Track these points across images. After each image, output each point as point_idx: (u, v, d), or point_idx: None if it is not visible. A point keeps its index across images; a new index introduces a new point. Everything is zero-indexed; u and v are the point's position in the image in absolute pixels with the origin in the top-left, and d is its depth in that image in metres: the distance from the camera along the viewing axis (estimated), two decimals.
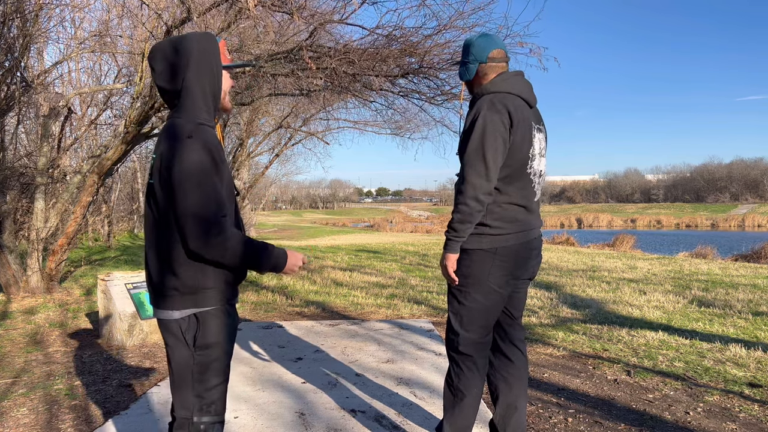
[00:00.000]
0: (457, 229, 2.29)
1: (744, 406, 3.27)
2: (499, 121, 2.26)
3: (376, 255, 12.49)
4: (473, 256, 2.35)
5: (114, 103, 10.06)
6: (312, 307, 6.35)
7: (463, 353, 2.43)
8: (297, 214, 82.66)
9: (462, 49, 2.51)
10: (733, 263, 11.76)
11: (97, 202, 13.53)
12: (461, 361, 2.44)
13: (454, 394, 2.46)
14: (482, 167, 2.24)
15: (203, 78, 1.74)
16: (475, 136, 2.26)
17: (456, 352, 2.45)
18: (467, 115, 2.41)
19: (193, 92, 1.73)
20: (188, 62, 1.72)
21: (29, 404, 3.35)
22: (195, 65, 1.73)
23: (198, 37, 1.77)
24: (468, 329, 2.41)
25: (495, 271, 2.35)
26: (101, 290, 4.76)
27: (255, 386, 3.60)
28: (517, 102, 2.33)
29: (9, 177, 6.75)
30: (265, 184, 31.77)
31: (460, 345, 2.43)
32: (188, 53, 1.72)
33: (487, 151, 2.24)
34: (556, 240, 20.16)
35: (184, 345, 1.72)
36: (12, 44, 6.17)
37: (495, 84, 2.38)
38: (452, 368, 2.47)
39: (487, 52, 2.41)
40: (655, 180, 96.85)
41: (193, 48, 1.73)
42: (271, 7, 5.30)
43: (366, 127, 16.02)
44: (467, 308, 2.40)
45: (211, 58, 1.76)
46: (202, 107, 1.74)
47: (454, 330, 2.44)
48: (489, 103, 2.29)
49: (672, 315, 5.75)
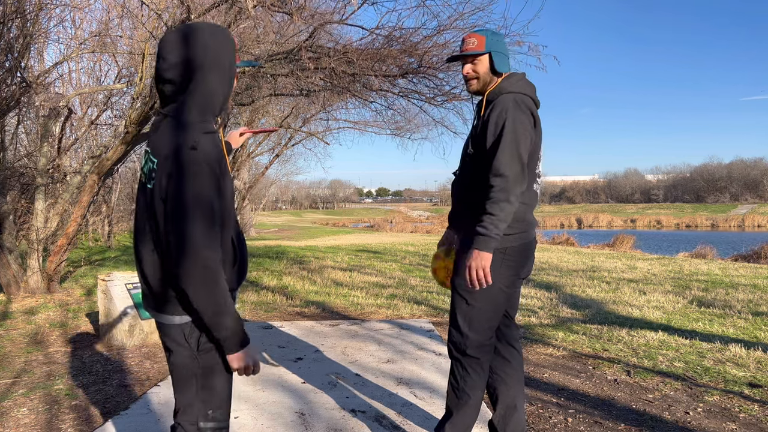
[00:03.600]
0: (500, 227, 2.22)
1: (744, 406, 3.27)
2: (528, 120, 2.29)
3: (376, 255, 12.49)
4: None
5: (114, 104, 10.05)
6: (312, 308, 6.35)
7: (470, 356, 2.40)
8: (297, 214, 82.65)
9: (492, 38, 2.40)
10: (732, 263, 11.77)
11: (97, 203, 13.53)
12: (467, 363, 2.41)
13: (459, 396, 2.43)
14: (519, 166, 2.26)
15: (218, 76, 1.61)
16: (509, 134, 2.25)
17: (463, 354, 2.42)
18: (488, 112, 2.34)
19: (204, 91, 1.59)
20: (205, 57, 1.59)
21: (29, 404, 3.35)
22: (212, 61, 1.60)
23: (215, 30, 1.63)
24: (476, 331, 2.39)
25: (504, 270, 2.35)
26: (101, 290, 4.76)
27: (255, 386, 3.61)
28: (531, 103, 2.36)
29: (9, 177, 6.76)
30: (265, 184, 31.81)
31: (467, 348, 2.40)
32: (205, 47, 1.59)
33: (522, 151, 2.26)
34: (556, 240, 20.15)
35: (187, 349, 1.66)
36: (12, 44, 6.17)
37: (512, 84, 2.37)
38: (457, 371, 2.44)
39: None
40: (655, 180, 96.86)
41: (210, 42, 1.60)
42: (271, 8, 5.31)
43: (366, 127, 16.04)
44: (477, 309, 2.37)
45: (228, 56, 1.64)
46: (209, 108, 1.61)
47: (462, 332, 2.40)
48: (514, 103, 2.29)
49: (672, 315, 5.75)
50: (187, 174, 1.51)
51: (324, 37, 6.39)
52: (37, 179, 6.79)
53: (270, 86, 8.02)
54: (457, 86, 6.94)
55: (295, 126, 17.78)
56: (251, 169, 22.52)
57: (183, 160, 1.52)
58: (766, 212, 55.86)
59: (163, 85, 1.62)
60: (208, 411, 1.69)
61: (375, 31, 5.89)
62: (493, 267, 2.30)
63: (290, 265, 10.28)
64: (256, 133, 1.96)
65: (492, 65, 2.39)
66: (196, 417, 1.69)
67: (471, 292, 2.36)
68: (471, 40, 2.39)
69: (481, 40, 2.38)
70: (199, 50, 1.58)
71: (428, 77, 6.73)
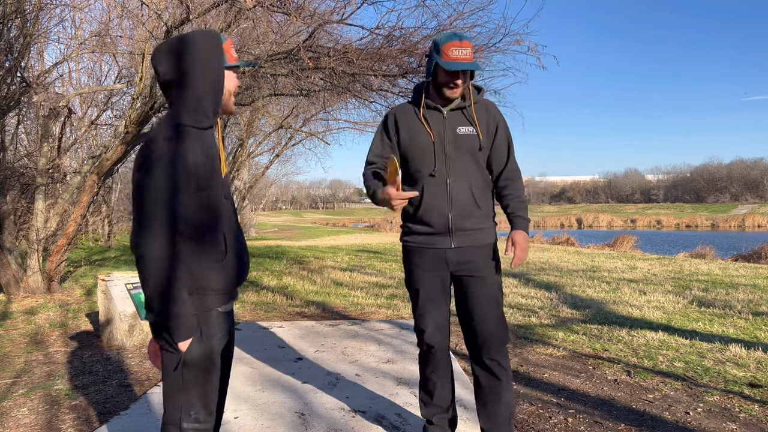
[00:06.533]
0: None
1: (744, 406, 3.27)
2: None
3: (376, 255, 12.49)
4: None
5: (114, 104, 10.06)
6: (312, 308, 6.35)
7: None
8: (297, 214, 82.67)
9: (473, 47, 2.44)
10: (733, 263, 11.76)
11: (97, 203, 13.53)
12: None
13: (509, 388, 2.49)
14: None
15: (204, 79, 1.70)
16: (509, 135, 2.54)
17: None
18: (493, 114, 2.50)
19: (193, 93, 1.69)
20: (192, 61, 1.69)
21: (29, 404, 3.35)
22: (199, 66, 1.69)
23: (201, 34, 1.74)
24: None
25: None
26: (101, 290, 4.76)
27: (255, 386, 3.60)
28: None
29: (9, 177, 6.76)
30: (265, 184, 31.80)
31: (510, 340, 2.58)
32: (191, 52, 1.69)
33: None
34: (556, 240, 20.13)
35: (164, 350, 1.68)
36: (12, 44, 6.17)
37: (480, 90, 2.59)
38: (507, 366, 2.46)
39: None
40: (655, 180, 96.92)
41: (195, 45, 1.70)
42: (270, 8, 5.31)
43: (366, 127, 16.01)
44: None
45: (214, 59, 1.72)
46: (200, 110, 1.69)
47: (506, 324, 2.50)
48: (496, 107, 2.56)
49: (672, 315, 5.74)
50: (150, 162, 1.61)
51: (324, 37, 6.39)
52: (37, 179, 6.79)
53: (270, 86, 8.02)
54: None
55: (295, 126, 17.77)
56: (251, 169, 22.51)
57: (149, 151, 1.63)
58: (766, 212, 55.87)
59: (163, 91, 1.77)
60: (190, 412, 1.72)
61: (375, 31, 5.89)
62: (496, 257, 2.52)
63: (290, 265, 10.28)
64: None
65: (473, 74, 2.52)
66: (173, 416, 1.72)
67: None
68: (469, 49, 2.34)
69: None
70: (185, 58, 1.70)
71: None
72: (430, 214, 2.41)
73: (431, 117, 2.44)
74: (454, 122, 2.43)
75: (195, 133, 1.67)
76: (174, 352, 1.66)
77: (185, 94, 1.69)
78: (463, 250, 2.44)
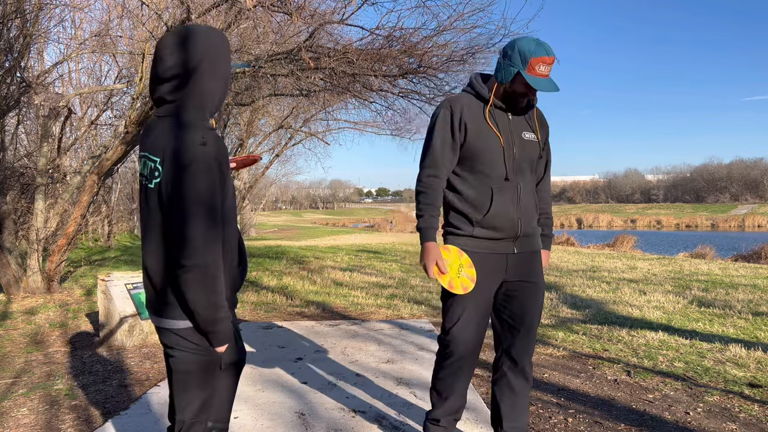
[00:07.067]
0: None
1: (744, 407, 3.27)
2: None
3: (376, 255, 12.49)
4: None
5: (114, 104, 10.07)
6: (312, 308, 6.35)
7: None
8: (297, 214, 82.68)
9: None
10: (733, 263, 11.77)
11: (97, 203, 13.53)
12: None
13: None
14: None
15: (214, 77, 1.65)
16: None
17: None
18: (546, 123, 2.55)
19: (201, 91, 1.63)
20: (202, 58, 1.62)
21: (29, 404, 3.35)
22: (209, 63, 1.63)
23: (212, 33, 1.67)
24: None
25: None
26: (101, 290, 4.76)
27: (255, 386, 3.61)
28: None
29: (9, 177, 6.76)
30: (265, 184, 31.80)
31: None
32: (203, 48, 1.63)
33: None
34: (556, 240, 20.14)
35: (188, 352, 1.67)
36: (12, 44, 6.17)
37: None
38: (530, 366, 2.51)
39: None
40: (655, 180, 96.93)
41: (207, 44, 1.64)
42: (271, 8, 5.31)
43: (366, 127, 16.05)
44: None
45: (224, 57, 1.68)
46: (206, 108, 1.64)
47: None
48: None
49: (672, 315, 5.75)
50: (195, 170, 1.52)
51: (324, 37, 6.39)
52: (37, 179, 6.79)
53: (270, 86, 8.02)
54: (457, 86, 6.94)
55: (295, 126, 17.78)
56: (251, 169, 22.50)
57: (191, 157, 1.53)
58: (766, 212, 55.87)
59: (161, 85, 1.64)
60: (210, 414, 1.72)
61: (375, 32, 5.89)
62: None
63: (290, 265, 10.29)
64: (237, 168, 1.97)
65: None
66: (195, 416, 1.70)
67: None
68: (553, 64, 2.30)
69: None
70: (196, 51, 1.62)
71: (428, 77, 6.73)
72: (501, 219, 2.34)
73: (498, 118, 2.38)
74: (518, 126, 2.40)
75: (216, 135, 1.61)
76: (206, 355, 1.67)
77: (193, 90, 1.62)
78: (523, 255, 2.42)
